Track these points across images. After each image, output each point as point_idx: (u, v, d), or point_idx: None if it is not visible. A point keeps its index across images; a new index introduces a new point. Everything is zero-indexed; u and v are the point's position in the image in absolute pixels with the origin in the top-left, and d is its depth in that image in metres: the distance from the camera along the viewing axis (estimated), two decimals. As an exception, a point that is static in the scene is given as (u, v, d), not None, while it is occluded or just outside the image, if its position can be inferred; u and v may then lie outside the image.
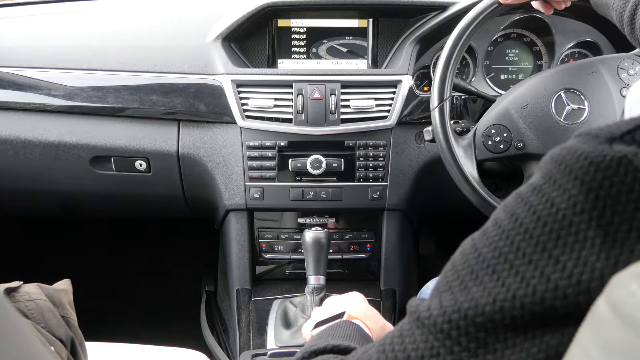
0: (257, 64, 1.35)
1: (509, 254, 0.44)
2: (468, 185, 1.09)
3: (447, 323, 0.46)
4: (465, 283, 0.46)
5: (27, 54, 1.34)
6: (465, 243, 0.49)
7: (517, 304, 0.42)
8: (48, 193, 1.46)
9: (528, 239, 0.43)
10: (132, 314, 1.82)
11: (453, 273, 0.48)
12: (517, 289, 0.43)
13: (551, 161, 0.44)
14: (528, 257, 0.43)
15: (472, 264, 0.47)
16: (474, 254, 0.47)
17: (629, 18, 0.93)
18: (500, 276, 0.44)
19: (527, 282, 0.42)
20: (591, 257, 0.40)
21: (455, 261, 0.49)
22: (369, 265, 1.41)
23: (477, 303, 0.44)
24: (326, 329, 0.77)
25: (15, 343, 0.41)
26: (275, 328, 1.22)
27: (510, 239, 0.44)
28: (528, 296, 0.42)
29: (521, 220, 0.44)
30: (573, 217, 0.41)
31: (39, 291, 0.90)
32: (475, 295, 0.45)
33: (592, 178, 0.41)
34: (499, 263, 0.44)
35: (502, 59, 1.40)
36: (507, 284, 0.43)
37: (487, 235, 0.47)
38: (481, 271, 0.45)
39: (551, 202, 0.43)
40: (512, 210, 0.45)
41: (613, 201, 0.40)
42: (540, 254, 0.42)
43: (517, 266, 0.43)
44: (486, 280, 0.45)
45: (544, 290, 0.41)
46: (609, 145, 0.41)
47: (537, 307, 0.42)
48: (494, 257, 0.45)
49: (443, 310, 0.46)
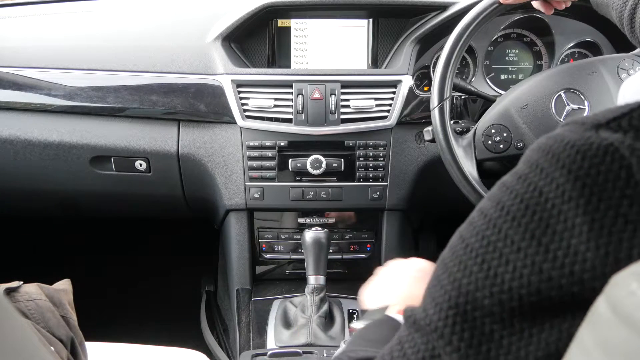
0: (257, 64, 1.35)
1: (497, 242, 0.44)
2: (468, 185, 1.09)
3: (443, 320, 0.45)
4: (454, 274, 0.45)
5: (27, 54, 1.34)
6: (453, 237, 0.48)
7: (514, 296, 0.42)
8: (48, 193, 1.46)
9: (516, 227, 0.43)
10: (132, 314, 1.82)
11: (442, 267, 0.47)
12: (511, 280, 0.42)
13: (538, 150, 0.44)
14: (517, 244, 0.42)
15: (459, 255, 0.46)
16: (462, 245, 0.46)
17: (628, 18, 0.93)
18: (490, 265, 0.43)
19: (520, 273, 0.42)
20: (581, 246, 0.40)
21: (444, 257, 0.48)
22: (369, 265, 1.41)
23: (474, 297, 0.44)
24: (364, 330, 0.71)
25: (15, 343, 0.41)
26: (275, 328, 1.22)
27: (498, 227, 0.44)
28: (524, 287, 0.42)
29: (507, 207, 0.44)
30: (562, 206, 0.41)
31: (39, 291, 0.90)
32: (470, 288, 0.44)
33: (579, 166, 0.41)
34: (487, 252, 0.44)
35: (502, 59, 1.40)
36: (500, 273, 0.43)
37: (474, 225, 0.46)
38: (469, 261, 0.45)
39: (539, 190, 0.42)
40: (498, 198, 0.45)
41: (600, 189, 0.40)
42: (528, 241, 0.42)
43: (507, 254, 0.43)
44: (475, 270, 0.44)
45: (538, 281, 0.41)
46: (595, 131, 0.41)
47: (534, 298, 0.41)
48: (482, 246, 0.44)
49: (439, 308, 0.46)
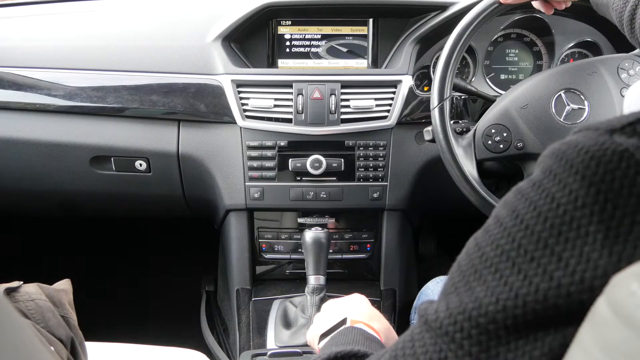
0: (257, 64, 1.35)
1: (511, 251, 0.43)
2: (468, 185, 1.09)
3: (452, 325, 0.45)
4: (470, 283, 0.46)
5: (27, 54, 1.34)
6: (470, 242, 0.49)
7: (519, 303, 0.42)
8: (48, 193, 1.46)
9: (529, 236, 0.42)
10: (132, 314, 1.82)
11: (459, 274, 0.47)
12: (519, 287, 0.42)
13: (551, 156, 0.44)
14: (530, 254, 0.42)
15: (475, 264, 0.46)
16: (478, 253, 0.46)
17: (628, 18, 0.93)
18: (502, 274, 0.43)
19: (530, 281, 0.41)
20: (594, 254, 0.39)
21: (460, 262, 0.48)
22: (369, 265, 1.41)
23: (480, 303, 0.44)
24: (331, 339, 0.74)
25: (15, 343, 0.41)
26: (275, 328, 1.22)
27: (512, 236, 0.44)
28: (531, 294, 0.41)
29: (522, 216, 0.43)
30: (574, 212, 0.40)
31: (39, 291, 0.90)
32: (479, 295, 0.44)
33: (593, 172, 0.40)
34: (501, 261, 0.44)
35: (502, 59, 1.40)
36: (510, 282, 0.43)
37: (490, 233, 0.46)
38: (484, 270, 0.45)
39: (552, 197, 0.42)
40: (513, 206, 0.45)
41: (615, 195, 0.39)
42: (542, 250, 0.42)
43: (520, 264, 0.43)
44: (489, 279, 0.44)
45: (546, 289, 0.41)
46: (609, 137, 0.40)
47: (539, 306, 0.41)
48: (496, 255, 0.44)
49: (449, 312, 0.46)
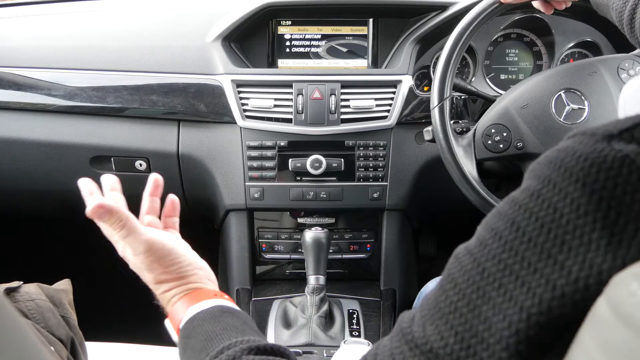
0: (257, 64, 1.35)
1: (514, 265, 0.42)
2: (468, 184, 1.09)
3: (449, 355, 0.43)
4: (474, 302, 0.43)
5: (27, 54, 1.34)
6: (462, 257, 0.46)
7: (523, 316, 0.41)
8: (48, 193, 1.46)
9: (532, 248, 0.41)
10: (132, 314, 1.82)
11: (456, 292, 0.45)
12: (524, 301, 0.41)
13: (548, 164, 0.43)
14: (533, 265, 0.41)
15: (477, 281, 0.44)
16: (478, 269, 0.44)
17: (628, 18, 0.93)
18: (507, 289, 0.42)
19: (534, 292, 0.40)
20: (597, 259, 0.39)
21: (455, 278, 0.46)
22: (369, 265, 1.41)
23: (490, 324, 0.42)
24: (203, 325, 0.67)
25: (15, 343, 0.40)
26: (275, 328, 1.22)
27: (515, 250, 0.42)
28: (535, 306, 0.40)
29: (523, 228, 0.42)
30: (577, 221, 0.40)
31: (39, 291, 0.90)
32: (487, 315, 0.42)
33: (594, 180, 0.39)
34: (504, 276, 0.42)
35: (502, 59, 1.39)
36: (514, 297, 0.41)
37: (488, 247, 0.44)
38: (488, 287, 0.43)
39: (553, 207, 0.41)
40: (512, 218, 0.43)
41: (617, 202, 0.38)
42: (545, 261, 0.40)
43: (523, 277, 0.41)
44: (494, 295, 0.43)
45: (550, 299, 0.40)
46: (607, 143, 0.40)
47: (542, 319, 0.40)
48: (499, 270, 0.43)
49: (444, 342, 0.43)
